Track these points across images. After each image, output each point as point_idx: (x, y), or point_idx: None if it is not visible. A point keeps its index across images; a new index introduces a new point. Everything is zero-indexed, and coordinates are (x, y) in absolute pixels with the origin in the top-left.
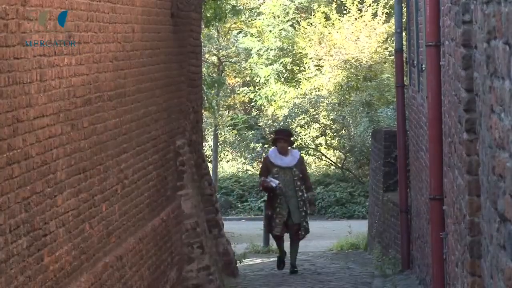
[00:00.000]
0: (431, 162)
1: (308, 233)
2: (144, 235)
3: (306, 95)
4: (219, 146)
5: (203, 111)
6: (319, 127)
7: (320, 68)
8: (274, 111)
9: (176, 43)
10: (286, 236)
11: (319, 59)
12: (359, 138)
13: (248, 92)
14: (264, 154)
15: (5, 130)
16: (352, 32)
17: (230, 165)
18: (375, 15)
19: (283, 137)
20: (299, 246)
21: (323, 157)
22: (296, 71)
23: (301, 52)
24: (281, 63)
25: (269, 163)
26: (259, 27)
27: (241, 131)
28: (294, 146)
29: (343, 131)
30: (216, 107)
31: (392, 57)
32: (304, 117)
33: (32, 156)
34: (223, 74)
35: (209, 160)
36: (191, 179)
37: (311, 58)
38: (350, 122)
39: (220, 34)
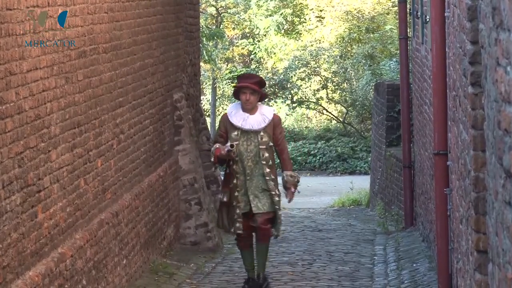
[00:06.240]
0: (435, 116)
1: (278, 236)
2: (140, 191)
3: (307, 47)
4: (217, 100)
5: (201, 63)
6: (320, 80)
7: (321, 19)
8: (274, 63)
9: None
10: None
11: (320, 10)
12: (361, 92)
13: (247, 44)
14: None
15: None
16: None
17: None
18: None
19: (249, 84)
20: (268, 248)
21: (324, 111)
22: (297, 22)
23: (301, 3)
24: (281, 14)
25: (228, 123)
26: None
27: None
28: (277, 102)
29: (345, 84)
30: (215, 60)
31: (395, 8)
32: (304, 70)
33: (25, 110)
34: (221, 26)
35: (207, 114)
36: (188, 133)
37: (312, 9)
38: (352, 75)
39: None
